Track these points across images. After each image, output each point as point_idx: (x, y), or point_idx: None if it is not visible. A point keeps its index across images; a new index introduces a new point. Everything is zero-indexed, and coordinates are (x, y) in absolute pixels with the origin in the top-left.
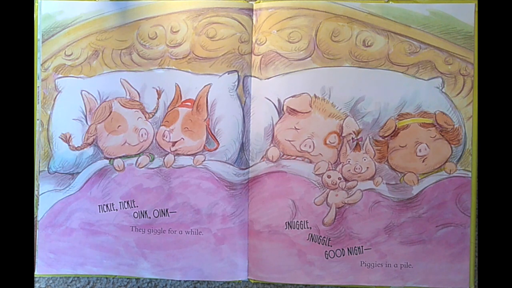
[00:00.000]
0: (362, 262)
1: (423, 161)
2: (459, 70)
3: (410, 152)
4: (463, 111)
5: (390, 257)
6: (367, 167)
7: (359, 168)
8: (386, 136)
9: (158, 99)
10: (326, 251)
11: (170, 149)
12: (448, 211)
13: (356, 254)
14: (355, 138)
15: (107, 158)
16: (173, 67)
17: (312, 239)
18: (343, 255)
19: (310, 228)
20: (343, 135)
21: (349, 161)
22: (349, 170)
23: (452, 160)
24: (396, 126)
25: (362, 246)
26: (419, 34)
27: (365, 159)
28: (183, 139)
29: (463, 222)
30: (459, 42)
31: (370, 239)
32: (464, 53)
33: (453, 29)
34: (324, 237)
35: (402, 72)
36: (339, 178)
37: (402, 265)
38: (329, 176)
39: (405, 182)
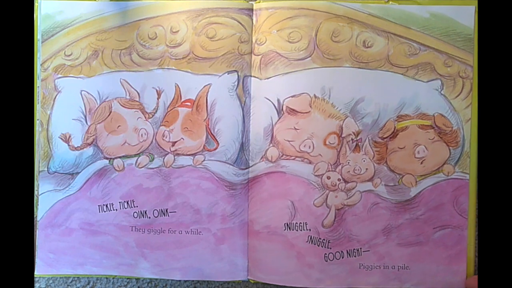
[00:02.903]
0: (361, 265)
1: (421, 163)
2: (458, 72)
3: (408, 153)
4: (462, 114)
5: (388, 259)
6: (366, 168)
7: (358, 169)
8: (385, 138)
9: (158, 99)
10: (325, 253)
11: (170, 149)
12: (446, 213)
13: (355, 256)
14: (355, 139)
15: (106, 158)
16: (173, 67)
17: (312, 242)
18: (342, 258)
19: (310, 230)
20: (342, 135)
21: (348, 162)
22: (349, 171)
23: (450, 162)
24: (395, 127)
25: (360, 248)
26: (419, 36)
27: (364, 160)
28: (183, 139)
29: (460, 224)
30: (458, 45)
31: (368, 241)
32: (464, 56)
33: (452, 31)
34: (324, 239)
35: (401, 74)
36: (339, 179)
37: (399, 267)
38: (328, 177)
39: (403, 183)
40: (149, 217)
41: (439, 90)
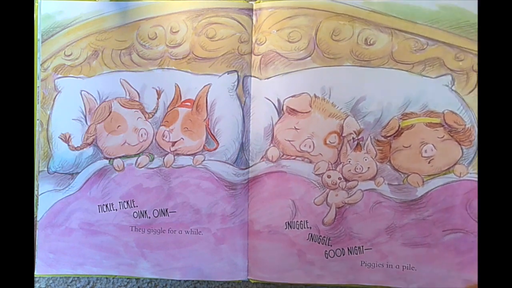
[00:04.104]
0: (363, 262)
1: (429, 162)
2: (472, 66)
3: (414, 152)
4: (476, 110)
5: (392, 257)
6: (368, 167)
7: (359, 168)
8: (388, 136)
9: (157, 99)
10: (326, 250)
11: (170, 149)
12: (457, 216)
13: (357, 254)
14: (356, 138)
15: (106, 158)
16: (173, 67)
17: (312, 239)
18: (343, 255)
19: (310, 228)
20: (343, 135)
21: (349, 161)
22: (350, 170)
23: (463, 162)
24: (399, 126)
25: (362, 246)
26: (426, 30)
27: (366, 159)
28: (183, 139)
29: (474, 229)
30: (472, 36)
31: (370, 239)
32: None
33: (465, 23)
34: (324, 236)
35: (406, 71)
36: (339, 178)
37: (404, 267)
38: (329, 176)
39: (408, 183)
40: (149, 217)
41: (449, 86)
